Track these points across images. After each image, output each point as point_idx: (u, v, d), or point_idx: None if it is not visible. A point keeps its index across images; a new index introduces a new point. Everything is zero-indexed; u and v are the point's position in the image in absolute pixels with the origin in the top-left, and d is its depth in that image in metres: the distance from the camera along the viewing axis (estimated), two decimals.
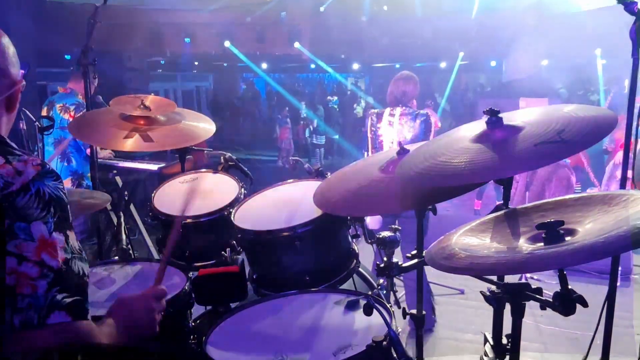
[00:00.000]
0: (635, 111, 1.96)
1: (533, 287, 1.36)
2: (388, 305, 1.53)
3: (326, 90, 17.58)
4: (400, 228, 1.85)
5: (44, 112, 4.60)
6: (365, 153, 4.14)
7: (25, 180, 1.06)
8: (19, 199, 1.04)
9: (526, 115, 1.54)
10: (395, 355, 1.33)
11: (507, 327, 1.50)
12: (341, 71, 17.00)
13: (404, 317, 2.18)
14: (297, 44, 12.68)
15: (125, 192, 4.87)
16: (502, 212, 1.47)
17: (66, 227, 1.10)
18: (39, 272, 1.03)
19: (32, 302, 1.02)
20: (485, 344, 1.63)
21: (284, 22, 12.10)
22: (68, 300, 1.05)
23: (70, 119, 4.39)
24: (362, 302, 1.50)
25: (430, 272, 3.09)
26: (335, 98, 14.67)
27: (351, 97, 16.21)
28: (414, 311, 2.09)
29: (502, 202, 1.65)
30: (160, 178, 4.36)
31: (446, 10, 11.76)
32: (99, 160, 3.26)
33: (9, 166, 1.07)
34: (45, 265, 1.04)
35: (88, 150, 4.44)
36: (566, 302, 1.18)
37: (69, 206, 1.13)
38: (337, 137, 13.40)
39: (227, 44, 11.96)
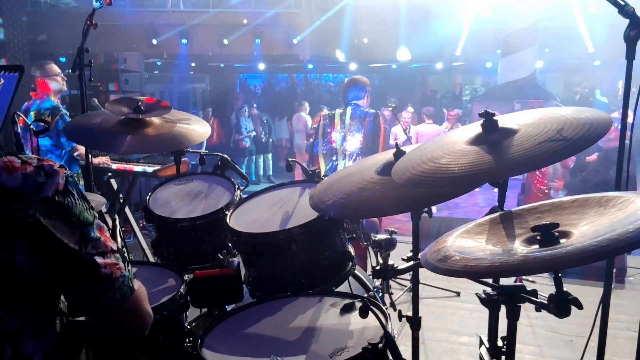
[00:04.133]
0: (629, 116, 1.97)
1: (528, 289, 1.36)
2: (384, 308, 1.53)
3: None
4: (397, 231, 1.86)
5: (20, 122, 4.51)
6: None
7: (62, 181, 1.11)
8: (68, 199, 1.10)
9: (521, 118, 1.55)
10: (390, 358, 1.33)
11: (502, 330, 1.51)
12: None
13: (400, 320, 2.18)
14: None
15: (120, 195, 4.86)
16: (498, 214, 1.48)
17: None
18: (116, 255, 1.16)
19: (122, 280, 1.16)
20: (480, 346, 1.64)
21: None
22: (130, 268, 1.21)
23: (49, 122, 4.30)
24: (358, 304, 1.51)
25: (426, 275, 3.10)
26: None
27: None
28: (409, 313, 2.09)
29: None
30: (156, 180, 4.35)
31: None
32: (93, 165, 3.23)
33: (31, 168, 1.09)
34: (115, 250, 1.16)
35: (75, 154, 4.41)
36: (561, 304, 1.18)
37: None
38: None
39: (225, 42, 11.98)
